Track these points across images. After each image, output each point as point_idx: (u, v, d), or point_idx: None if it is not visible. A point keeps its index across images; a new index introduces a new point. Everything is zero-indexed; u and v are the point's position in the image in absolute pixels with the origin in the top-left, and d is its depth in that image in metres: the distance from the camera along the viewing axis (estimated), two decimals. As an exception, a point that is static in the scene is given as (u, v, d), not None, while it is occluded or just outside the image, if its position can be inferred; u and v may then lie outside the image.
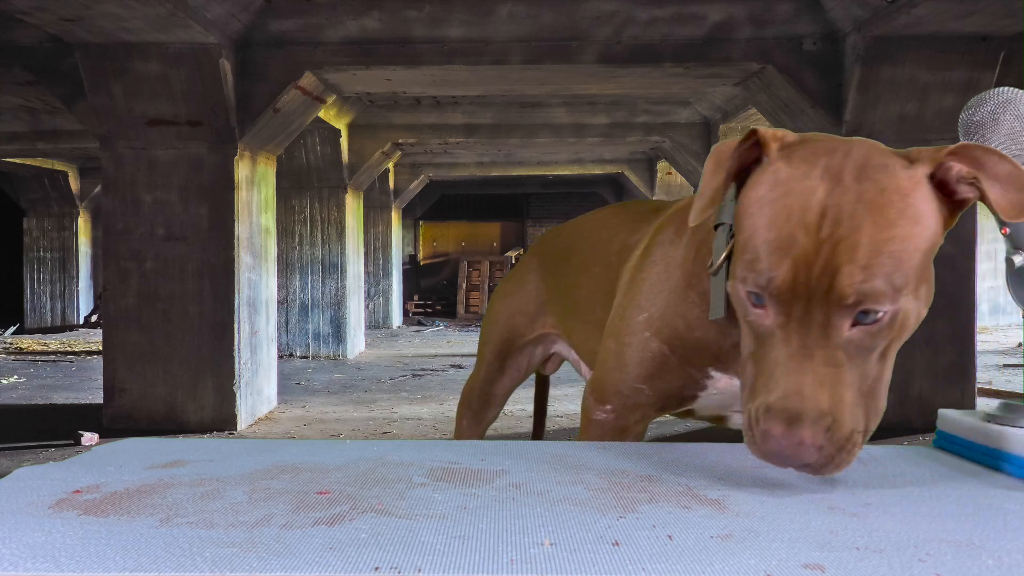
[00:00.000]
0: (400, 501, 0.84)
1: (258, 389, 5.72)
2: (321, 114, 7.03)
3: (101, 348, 5.62)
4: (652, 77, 5.92)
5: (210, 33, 4.86)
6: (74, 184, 12.44)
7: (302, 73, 5.36)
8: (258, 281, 5.69)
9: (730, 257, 1.02)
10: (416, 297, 15.96)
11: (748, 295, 0.94)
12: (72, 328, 12.42)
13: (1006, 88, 0.98)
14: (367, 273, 11.81)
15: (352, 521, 0.77)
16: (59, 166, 11.86)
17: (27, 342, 10.46)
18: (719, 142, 0.99)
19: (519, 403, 2.35)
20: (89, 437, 4.92)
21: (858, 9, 4.80)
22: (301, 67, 5.35)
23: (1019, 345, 9.96)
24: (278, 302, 8.04)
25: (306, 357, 8.79)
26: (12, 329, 12.02)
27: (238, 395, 5.34)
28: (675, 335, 1.26)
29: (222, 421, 5.30)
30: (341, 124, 8.37)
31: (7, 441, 4.94)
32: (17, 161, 10.68)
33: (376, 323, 12.61)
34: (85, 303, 12.95)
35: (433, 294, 16.45)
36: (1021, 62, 4.98)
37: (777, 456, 0.88)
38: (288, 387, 6.82)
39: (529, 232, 17.10)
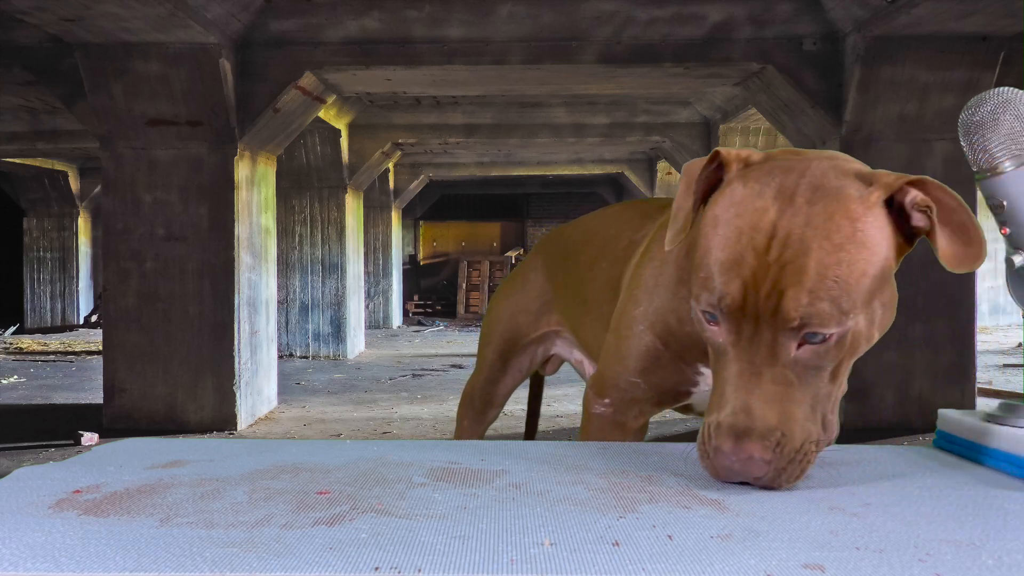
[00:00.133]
0: (400, 501, 0.84)
1: (258, 389, 5.72)
2: (321, 114, 7.03)
3: (101, 348, 5.62)
4: (652, 77, 5.92)
5: (210, 33, 4.87)
6: (74, 184, 12.44)
7: (302, 73, 5.36)
8: (258, 281, 5.69)
9: None
10: (416, 297, 15.96)
11: (703, 313, 0.96)
12: (72, 328, 12.42)
13: (1006, 88, 0.97)
14: (367, 273, 11.80)
15: (352, 521, 0.77)
16: (59, 166, 11.86)
17: (27, 342, 10.47)
18: (690, 160, 1.01)
19: (519, 403, 2.36)
20: (89, 437, 4.92)
21: (858, 9, 4.80)
22: (301, 67, 5.35)
23: (1019, 345, 9.96)
24: (278, 302, 8.03)
25: (306, 357, 8.79)
26: (12, 329, 12.02)
27: (238, 395, 5.34)
28: (667, 330, 1.29)
29: (222, 421, 5.31)
30: (341, 124, 8.36)
31: (7, 441, 4.94)
32: (17, 161, 10.69)
33: (376, 323, 12.61)
34: (85, 303, 12.95)
35: (433, 294, 16.45)
36: (1021, 62, 4.98)
37: (727, 471, 0.90)
38: (288, 387, 6.82)
39: (529, 232, 17.08)
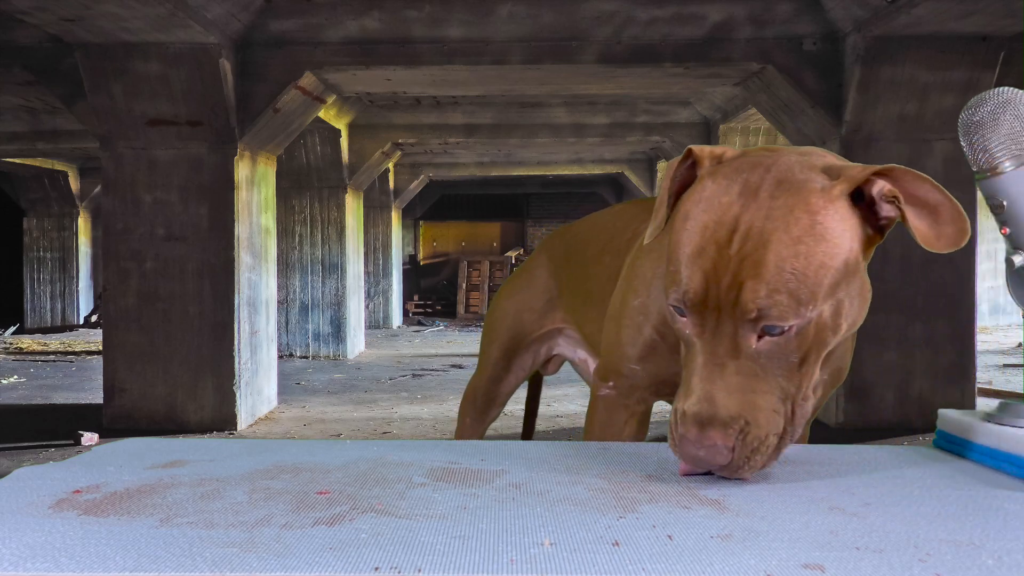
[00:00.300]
0: (400, 501, 0.84)
1: (258, 389, 5.72)
2: (321, 114, 7.03)
3: (101, 348, 5.62)
4: (652, 77, 5.92)
5: (210, 33, 4.87)
6: (74, 184, 12.44)
7: (302, 73, 5.36)
8: (258, 281, 5.69)
9: None
10: (416, 297, 15.95)
11: (672, 306, 0.98)
12: (72, 328, 12.42)
13: (1006, 88, 0.97)
14: (367, 273, 11.80)
15: (352, 521, 0.77)
16: (59, 166, 11.86)
17: (27, 342, 10.46)
18: (674, 158, 1.02)
19: (519, 403, 2.36)
20: (89, 437, 4.92)
21: (858, 9, 4.80)
22: (301, 67, 5.35)
23: (1019, 345, 9.96)
24: (278, 302, 8.03)
25: (306, 357, 8.79)
26: (12, 329, 12.02)
27: (238, 395, 5.34)
28: (663, 321, 1.32)
29: (222, 421, 5.31)
30: (341, 124, 8.36)
31: (7, 441, 4.94)
32: (17, 161, 10.68)
33: (376, 323, 12.61)
34: (85, 303, 12.94)
35: (433, 294, 16.44)
36: (1021, 62, 4.98)
37: (692, 458, 0.91)
38: (288, 387, 6.82)
39: (529, 232, 17.08)
